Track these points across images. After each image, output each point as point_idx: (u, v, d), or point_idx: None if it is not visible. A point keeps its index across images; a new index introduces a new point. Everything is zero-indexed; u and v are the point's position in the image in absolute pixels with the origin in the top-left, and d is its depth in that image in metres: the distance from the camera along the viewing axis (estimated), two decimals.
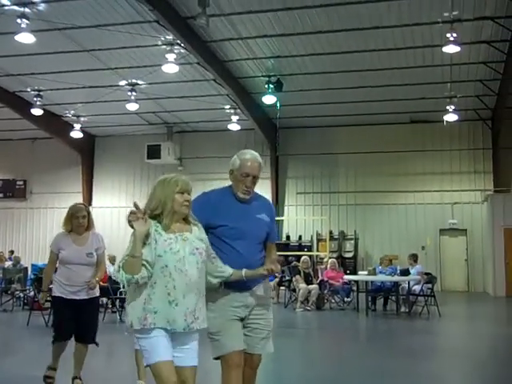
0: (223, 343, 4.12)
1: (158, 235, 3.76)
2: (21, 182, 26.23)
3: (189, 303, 3.72)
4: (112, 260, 17.46)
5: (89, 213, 6.41)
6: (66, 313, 6.14)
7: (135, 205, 3.77)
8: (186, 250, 3.78)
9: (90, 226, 6.38)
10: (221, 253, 4.11)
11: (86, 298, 6.21)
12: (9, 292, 15.59)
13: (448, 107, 19.38)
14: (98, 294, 6.45)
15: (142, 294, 3.71)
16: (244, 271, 4.11)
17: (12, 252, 22.05)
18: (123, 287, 3.45)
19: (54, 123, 22.80)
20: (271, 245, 4.50)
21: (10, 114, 21.39)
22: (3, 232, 26.04)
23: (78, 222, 6.25)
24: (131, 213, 3.74)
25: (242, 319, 4.24)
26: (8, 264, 18.48)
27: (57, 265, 6.34)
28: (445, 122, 20.04)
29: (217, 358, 4.18)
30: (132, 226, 3.71)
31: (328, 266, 16.66)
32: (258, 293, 4.30)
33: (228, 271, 4.07)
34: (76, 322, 6.18)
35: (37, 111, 20.35)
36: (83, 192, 24.93)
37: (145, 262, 3.67)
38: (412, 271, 14.88)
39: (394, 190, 22.33)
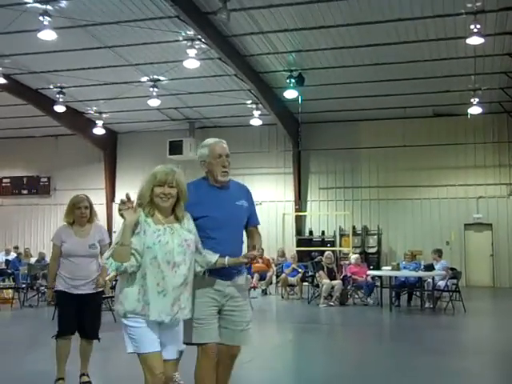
0: (203, 333, 4.21)
1: (147, 226, 3.87)
2: (45, 179, 26.43)
3: (176, 294, 3.85)
4: None
5: (91, 204, 6.23)
6: (69, 307, 6.05)
7: (127, 195, 3.88)
8: (174, 242, 3.88)
9: (92, 217, 6.22)
10: (202, 243, 4.19)
11: (89, 292, 6.10)
12: (34, 287, 15.73)
13: (472, 100, 19.13)
14: (102, 289, 6.32)
15: (135, 285, 3.83)
16: (227, 259, 4.22)
17: (16, 248, 22.09)
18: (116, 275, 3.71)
19: (77, 120, 22.92)
20: (253, 229, 4.63)
21: (33, 111, 21.53)
22: (28, 228, 26.27)
23: (81, 212, 6.10)
24: (122, 202, 3.85)
25: (219, 309, 4.32)
26: (32, 260, 18.68)
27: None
28: (469, 115, 19.78)
29: (188, 344, 4.27)
30: (122, 216, 3.83)
31: (351, 261, 16.56)
32: (238, 283, 4.40)
33: (214, 258, 4.17)
34: (79, 317, 6.08)
35: (60, 108, 20.45)
36: (106, 188, 25.06)
37: (134, 251, 3.80)
38: (437, 266, 14.71)
39: (418, 185, 22.12)
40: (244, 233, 4.61)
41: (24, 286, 15.76)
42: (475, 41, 14.32)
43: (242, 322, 4.42)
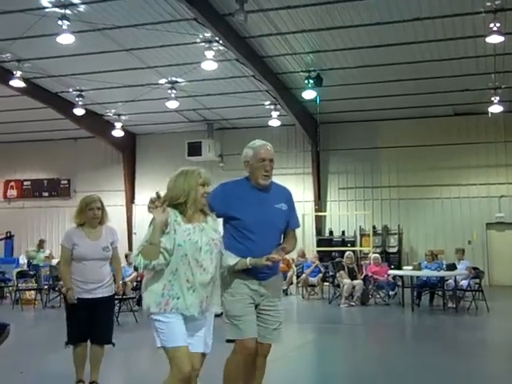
0: (242, 328, 4.29)
1: (177, 225, 3.95)
2: (65, 181, 26.62)
3: (204, 290, 3.94)
4: None
5: (102, 204, 6.00)
6: (80, 313, 5.77)
7: (157, 194, 3.99)
8: (202, 241, 3.97)
9: (103, 218, 6.00)
10: (237, 242, 4.29)
11: (101, 296, 5.87)
12: (56, 289, 15.82)
13: (492, 98, 18.93)
14: (113, 293, 6.11)
15: (160, 280, 3.93)
16: (248, 260, 4.27)
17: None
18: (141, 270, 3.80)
19: (96, 122, 23.04)
20: (290, 231, 4.65)
21: (53, 114, 21.67)
22: (49, 230, 26.44)
23: (93, 213, 5.88)
24: (151, 201, 3.94)
25: (256, 306, 4.41)
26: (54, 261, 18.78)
27: None
28: (489, 114, 19.59)
29: (230, 341, 4.35)
30: (151, 213, 3.93)
31: (371, 260, 16.49)
32: (273, 283, 4.47)
33: (233, 261, 4.26)
34: (91, 322, 5.83)
35: (79, 111, 20.59)
36: (126, 190, 25.17)
37: (163, 250, 3.88)
38: (459, 266, 14.60)
39: (438, 184, 21.96)
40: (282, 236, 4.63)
41: (46, 287, 15.89)
42: (495, 39, 14.15)
43: (276, 321, 4.50)
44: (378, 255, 16.98)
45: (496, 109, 19.21)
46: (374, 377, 7.18)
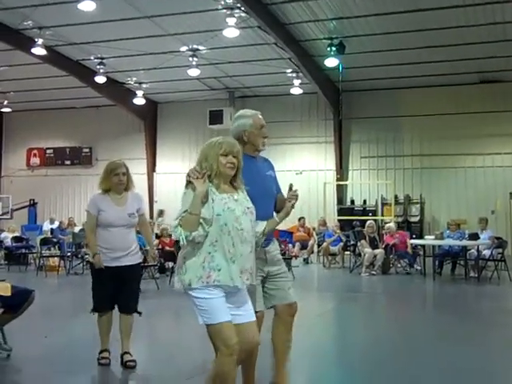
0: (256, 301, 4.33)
1: (214, 195, 3.89)
2: (87, 150, 26.75)
3: (245, 260, 3.88)
4: None
5: (128, 170, 5.87)
6: (106, 281, 5.66)
7: (200, 166, 3.95)
8: (239, 209, 3.92)
9: (129, 184, 5.85)
10: None
11: (128, 264, 5.75)
12: (79, 256, 16.01)
13: None
14: (140, 261, 6.00)
15: (201, 253, 3.83)
16: (276, 216, 4.46)
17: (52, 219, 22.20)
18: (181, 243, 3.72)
19: (117, 90, 23.04)
20: (280, 194, 4.75)
21: (74, 82, 21.69)
22: (72, 198, 26.67)
23: (119, 179, 5.74)
24: (194, 170, 3.90)
25: (264, 277, 4.51)
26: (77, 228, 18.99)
27: None
28: None
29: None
30: (189, 182, 3.87)
31: (385, 231, 16.38)
32: (271, 250, 4.59)
33: (261, 227, 4.29)
34: (118, 290, 5.74)
35: (100, 79, 20.58)
36: (147, 158, 25.24)
37: (202, 221, 3.81)
38: (482, 236, 14.48)
39: (462, 153, 21.72)
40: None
41: (69, 254, 16.07)
42: None
43: (287, 282, 4.65)
44: (391, 225, 16.73)
45: None
46: (393, 343, 7.17)
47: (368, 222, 16.31)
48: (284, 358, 4.66)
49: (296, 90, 21.47)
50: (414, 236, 19.09)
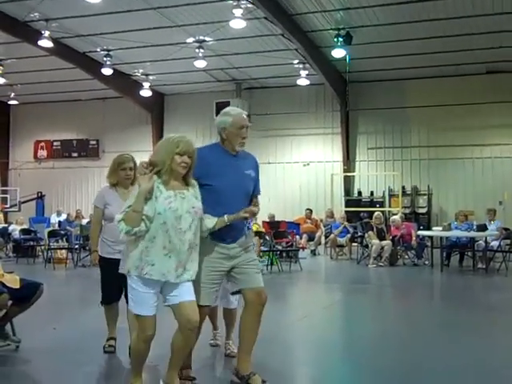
0: (203, 296, 4.49)
1: (158, 192, 4.05)
2: (94, 142, 26.77)
3: (181, 257, 4.08)
4: None
5: (135, 164, 5.81)
6: (113, 274, 5.52)
7: (150, 160, 4.15)
8: (183, 208, 4.08)
9: (136, 178, 5.66)
10: (208, 207, 4.38)
11: None
12: (86, 248, 16.04)
13: None
14: None
15: (139, 246, 4.07)
16: (226, 217, 4.46)
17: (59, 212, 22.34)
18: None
19: (124, 82, 23.01)
20: (254, 196, 4.78)
21: (81, 74, 21.67)
22: (79, 190, 26.75)
23: (126, 173, 5.79)
24: (143, 166, 4.09)
25: (229, 270, 4.65)
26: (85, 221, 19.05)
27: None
28: None
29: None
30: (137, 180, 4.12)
31: (391, 223, 16.33)
32: (241, 244, 4.68)
33: (212, 223, 4.39)
34: (123, 283, 5.55)
35: (107, 71, 20.55)
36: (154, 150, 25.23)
37: (144, 217, 4.00)
38: (490, 227, 14.43)
39: (469, 144, 21.61)
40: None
41: (77, 246, 16.11)
42: None
43: (254, 269, 4.74)
44: (396, 217, 16.69)
45: None
46: (401, 337, 7.17)
47: (375, 214, 16.27)
48: (249, 346, 4.74)
49: (303, 81, 21.40)
50: (421, 227, 19.04)
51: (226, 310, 5.91)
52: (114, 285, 5.76)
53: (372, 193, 22.74)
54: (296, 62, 20.54)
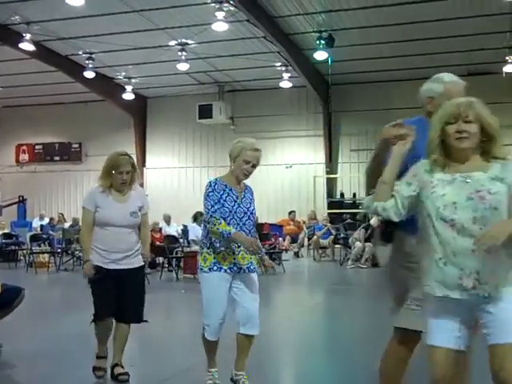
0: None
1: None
2: (76, 145, 26.66)
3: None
4: (167, 220, 17.69)
5: (133, 165, 5.17)
6: (106, 286, 4.99)
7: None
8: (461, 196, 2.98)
9: (133, 180, 5.14)
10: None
11: (129, 267, 5.06)
12: (69, 252, 15.98)
13: (507, 58, 18.64)
14: (143, 263, 5.26)
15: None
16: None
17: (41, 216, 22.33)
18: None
19: (106, 85, 22.96)
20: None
21: (63, 77, 21.57)
22: (61, 194, 26.63)
23: (122, 178, 5.03)
24: (395, 125, 3.31)
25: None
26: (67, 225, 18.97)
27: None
28: (504, 74, 19.30)
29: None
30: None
31: (372, 224, 16.35)
32: None
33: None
34: (119, 297, 5.04)
35: (89, 74, 20.50)
36: (137, 153, 25.13)
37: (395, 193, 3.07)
38: None
39: None
40: None
41: (59, 250, 16.03)
42: None
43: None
44: (373, 221, 16.67)
45: (510, 68, 18.92)
46: (382, 336, 7.19)
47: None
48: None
49: (285, 84, 21.47)
50: None
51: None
52: (108, 297, 5.03)
53: (354, 194, 22.81)
54: (278, 64, 20.60)
